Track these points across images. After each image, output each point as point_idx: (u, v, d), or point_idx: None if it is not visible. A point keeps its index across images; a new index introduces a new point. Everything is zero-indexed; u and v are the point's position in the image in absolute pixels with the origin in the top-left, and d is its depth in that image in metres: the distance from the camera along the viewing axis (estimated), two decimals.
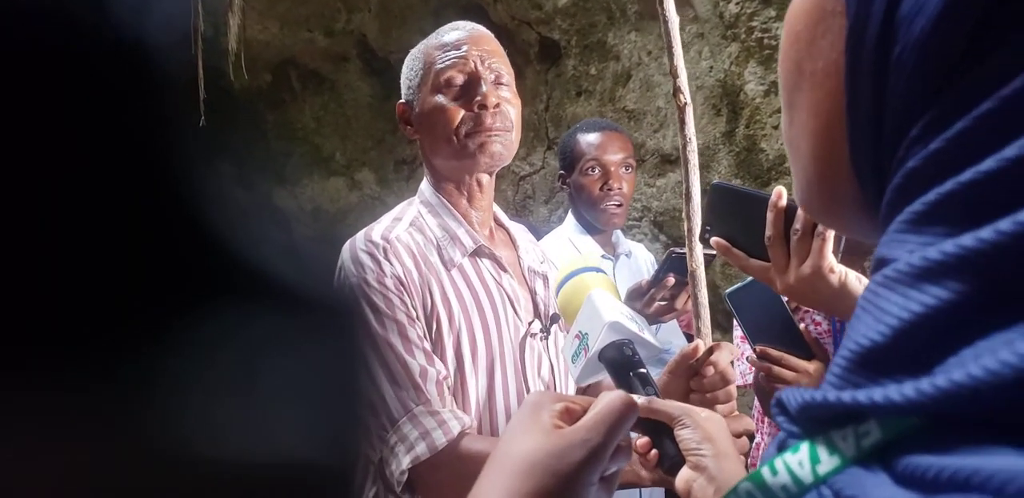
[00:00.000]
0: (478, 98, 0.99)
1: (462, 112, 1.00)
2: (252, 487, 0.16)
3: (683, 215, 0.93)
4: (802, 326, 1.10)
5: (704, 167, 3.37)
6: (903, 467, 0.20)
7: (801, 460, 0.24)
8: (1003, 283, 0.20)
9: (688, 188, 1.00)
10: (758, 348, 1.11)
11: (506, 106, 1.02)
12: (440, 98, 1.01)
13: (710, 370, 0.82)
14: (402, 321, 0.93)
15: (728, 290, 1.14)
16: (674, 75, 1.06)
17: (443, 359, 0.96)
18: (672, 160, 3.42)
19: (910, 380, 0.21)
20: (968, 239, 0.21)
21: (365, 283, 0.95)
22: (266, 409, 0.16)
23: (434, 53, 1.03)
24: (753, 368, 1.92)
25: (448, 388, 0.95)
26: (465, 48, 1.01)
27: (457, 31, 1.05)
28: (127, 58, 0.16)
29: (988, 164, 0.21)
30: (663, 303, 1.48)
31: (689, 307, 1.49)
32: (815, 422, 0.24)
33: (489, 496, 0.42)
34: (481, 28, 1.08)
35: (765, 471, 0.25)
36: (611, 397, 0.47)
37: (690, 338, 2.05)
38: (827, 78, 0.28)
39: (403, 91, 1.09)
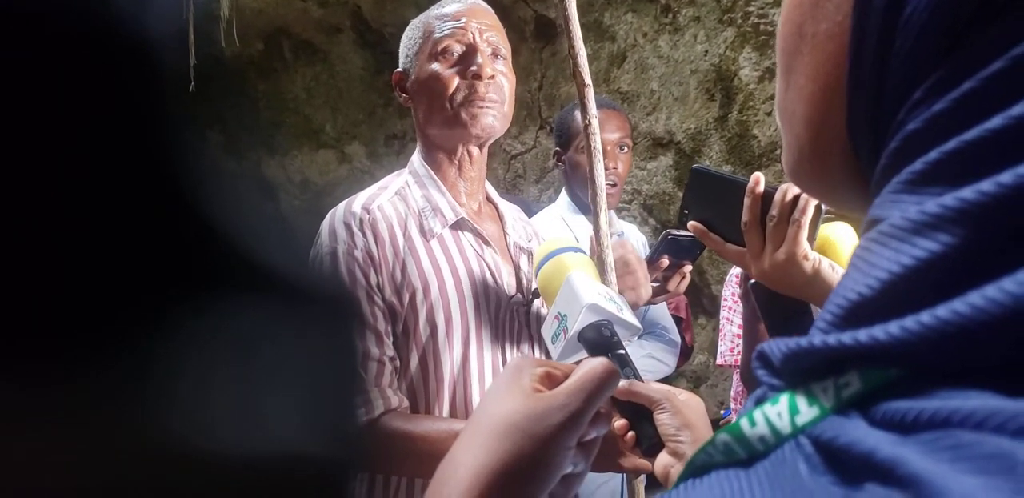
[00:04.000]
0: (473, 68, 1.01)
1: (457, 80, 1.01)
2: (245, 477, 0.16)
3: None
4: None
5: (695, 152, 3.37)
6: (882, 413, 0.20)
7: (780, 411, 0.23)
8: (1001, 236, 0.19)
9: (593, 173, 1.08)
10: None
11: (500, 78, 1.04)
12: (436, 66, 1.03)
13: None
14: (358, 297, 0.95)
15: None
16: (573, 57, 1.09)
17: (415, 328, 0.97)
18: (664, 144, 3.41)
19: (896, 321, 0.20)
20: (967, 192, 0.20)
21: (334, 254, 0.96)
22: (253, 381, 0.17)
23: (434, 23, 1.06)
24: (734, 350, 1.94)
25: (395, 369, 0.96)
26: (464, 20, 1.04)
27: (458, 3, 1.08)
28: (114, 19, 0.16)
29: (995, 122, 0.20)
30: (656, 284, 1.48)
31: (681, 290, 1.50)
32: (797, 373, 0.24)
33: (466, 455, 0.42)
34: (482, 2, 1.10)
35: (743, 422, 0.24)
36: (593, 364, 0.47)
37: (679, 321, 2.06)
38: (829, 40, 0.28)
39: (401, 60, 1.11)
